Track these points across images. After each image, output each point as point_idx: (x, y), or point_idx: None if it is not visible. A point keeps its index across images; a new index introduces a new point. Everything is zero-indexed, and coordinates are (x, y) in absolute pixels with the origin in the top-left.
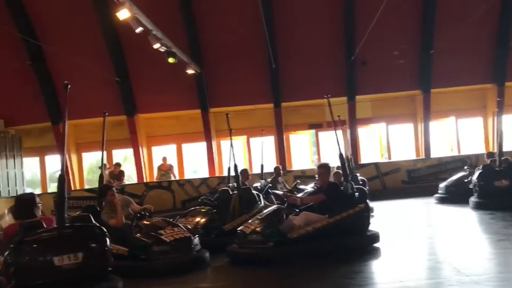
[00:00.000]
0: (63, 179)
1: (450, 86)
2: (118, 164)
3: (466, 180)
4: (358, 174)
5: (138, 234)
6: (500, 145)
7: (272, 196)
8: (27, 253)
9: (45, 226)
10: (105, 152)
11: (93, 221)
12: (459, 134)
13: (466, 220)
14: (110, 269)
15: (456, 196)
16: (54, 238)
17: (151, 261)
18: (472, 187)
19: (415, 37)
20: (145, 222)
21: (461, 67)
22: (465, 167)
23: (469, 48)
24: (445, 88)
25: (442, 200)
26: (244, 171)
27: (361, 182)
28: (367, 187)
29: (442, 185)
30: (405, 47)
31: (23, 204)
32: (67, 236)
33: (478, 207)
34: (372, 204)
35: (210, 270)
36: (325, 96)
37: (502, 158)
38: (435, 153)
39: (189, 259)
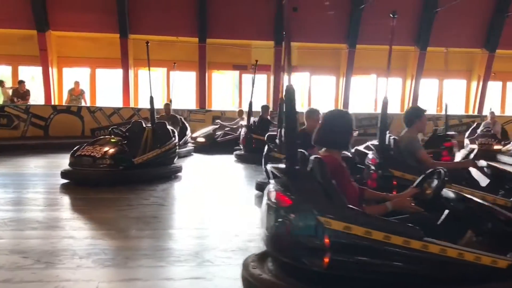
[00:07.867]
0: None
1: (375, 44)
2: (22, 82)
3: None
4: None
5: None
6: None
7: None
8: None
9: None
10: (9, 67)
11: None
12: (378, 92)
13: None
14: None
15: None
16: None
17: None
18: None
19: None
20: None
21: (388, 26)
22: (216, 121)
23: (398, 8)
24: (370, 45)
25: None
26: (166, 105)
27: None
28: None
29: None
30: None
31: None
32: None
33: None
34: None
35: None
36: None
37: None
38: (353, 109)
39: None
